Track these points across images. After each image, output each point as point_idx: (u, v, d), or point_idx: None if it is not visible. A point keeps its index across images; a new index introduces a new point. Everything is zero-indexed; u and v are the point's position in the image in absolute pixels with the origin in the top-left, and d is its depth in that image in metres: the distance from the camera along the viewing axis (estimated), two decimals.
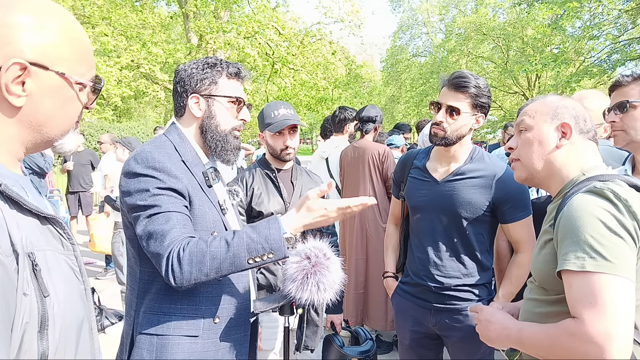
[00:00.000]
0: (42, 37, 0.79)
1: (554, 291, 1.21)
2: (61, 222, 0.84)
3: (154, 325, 1.42)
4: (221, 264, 1.29)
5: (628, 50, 15.57)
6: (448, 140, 1.94)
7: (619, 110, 1.74)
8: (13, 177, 0.80)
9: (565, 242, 1.12)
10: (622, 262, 1.05)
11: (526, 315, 1.33)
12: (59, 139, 0.88)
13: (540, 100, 1.38)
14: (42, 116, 0.82)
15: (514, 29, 19.88)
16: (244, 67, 1.63)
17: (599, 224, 1.07)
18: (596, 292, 1.04)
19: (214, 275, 1.30)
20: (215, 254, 1.28)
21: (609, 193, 1.10)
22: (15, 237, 0.70)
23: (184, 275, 1.28)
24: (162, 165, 1.40)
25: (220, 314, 1.49)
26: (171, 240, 1.30)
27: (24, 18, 0.78)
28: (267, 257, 1.31)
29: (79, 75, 0.86)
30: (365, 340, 2.31)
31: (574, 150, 1.29)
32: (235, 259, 1.29)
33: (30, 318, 0.70)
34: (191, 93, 1.54)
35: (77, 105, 0.89)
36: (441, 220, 1.99)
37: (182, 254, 1.28)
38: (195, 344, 1.44)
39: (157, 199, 1.35)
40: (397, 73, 27.99)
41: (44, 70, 0.80)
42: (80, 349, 0.82)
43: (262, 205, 2.26)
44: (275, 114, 2.26)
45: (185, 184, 1.43)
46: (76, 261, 0.87)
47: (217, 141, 1.56)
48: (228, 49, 14.06)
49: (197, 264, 1.28)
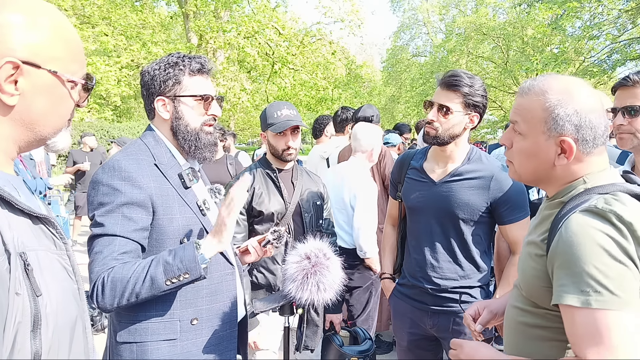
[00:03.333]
0: (33, 36, 0.79)
1: (541, 306, 1.14)
2: (54, 222, 0.84)
3: (132, 333, 1.45)
4: (141, 288, 1.34)
5: (628, 50, 15.60)
6: (440, 139, 1.93)
7: (628, 114, 1.69)
8: (4, 177, 0.80)
9: (565, 270, 1.02)
10: (629, 295, 0.97)
11: (509, 324, 1.26)
12: (51, 137, 0.89)
13: (540, 97, 1.12)
14: (35, 115, 0.82)
15: (514, 29, 19.89)
16: (208, 59, 1.60)
17: (603, 253, 0.97)
18: (602, 330, 0.96)
19: (134, 299, 1.34)
20: (133, 278, 1.33)
21: (612, 216, 0.99)
22: (6, 237, 0.70)
23: (106, 301, 1.33)
24: (127, 174, 1.41)
25: (199, 315, 1.51)
26: (102, 266, 1.35)
27: (15, 17, 0.78)
28: (183, 278, 1.35)
29: (70, 73, 0.86)
30: (364, 340, 2.31)
31: (575, 166, 1.12)
32: (153, 281, 1.34)
33: (23, 317, 0.70)
34: (157, 96, 1.53)
35: (69, 103, 0.89)
36: (438, 222, 1.99)
37: (106, 281, 1.33)
38: (174, 346, 1.46)
39: (108, 218, 1.38)
40: (397, 73, 28.02)
41: (36, 68, 0.80)
42: (74, 348, 0.83)
43: (262, 205, 2.26)
44: (278, 114, 2.25)
45: (149, 193, 1.43)
46: (69, 261, 0.87)
47: (189, 141, 1.55)
48: (228, 48, 14.08)
49: (119, 289, 1.33)
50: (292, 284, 1.54)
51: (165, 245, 1.46)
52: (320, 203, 2.45)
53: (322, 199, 2.48)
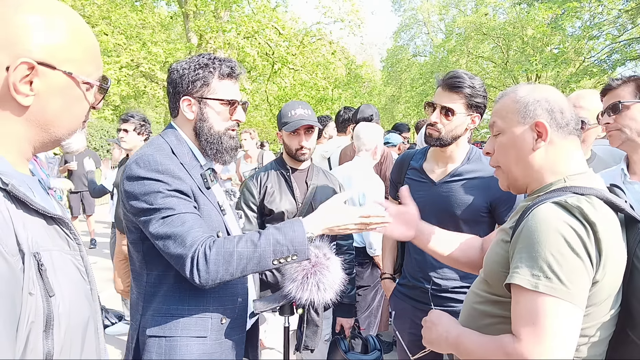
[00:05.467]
0: (49, 37, 0.80)
1: (496, 291, 1.17)
2: (67, 223, 0.85)
3: (162, 327, 1.42)
4: (247, 264, 1.31)
5: (628, 50, 15.59)
6: (443, 141, 1.93)
7: (613, 112, 1.76)
8: (20, 177, 0.80)
9: (523, 254, 1.05)
10: (577, 288, 0.99)
11: (465, 307, 1.30)
12: (66, 138, 0.88)
13: (510, 95, 1.24)
14: (49, 115, 0.83)
15: (514, 29, 19.88)
16: (238, 63, 1.59)
17: (562, 243, 1.00)
18: (540, 314, 0.99)
19: (239, 275, 1.32)
20: (242, 254, 1.31)
21: (577, 212, 1.02)
22: (21, 237, 0.71)
23: (210, 275, 1.29)
24: (165, 167, 1.39)
25: (226, 314, 1.50)
26: (193, 240, 1.31)
27: (32, 18, 0.78)
28: (290, 259, 1.35)
29: (86, 75, 0.86)
30: (373, 349, 2.31)
31: (553, 151, 1.18)
32: (261, 259, 1.32)
33: (36, 317, 0.70)
34: (183, 95, 1.52)
35: (84, 105, 0.89)
36: (438, 222, 1.98)
37: (208, 253, 1.29)
38: (204, 344, 1.44)
39: (167, 201, 1.34)
40: (397, 73, 27.97)
41: (51, 69, 0.80)
42: (86, 349, 0.83)
43: (273, 203, 2.27)
44: (292, 113, 2.26)
45: (189, 184, 1.43)
46: (82, 261, 0.88)
47: (212, 143, 1.54)
48: (228, 48, 14.05)
49: (224, 263, 1.30)
50: (292, 284, 1.54)
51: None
52: None
53: None
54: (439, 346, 1.28)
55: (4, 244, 0.66)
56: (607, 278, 1.03)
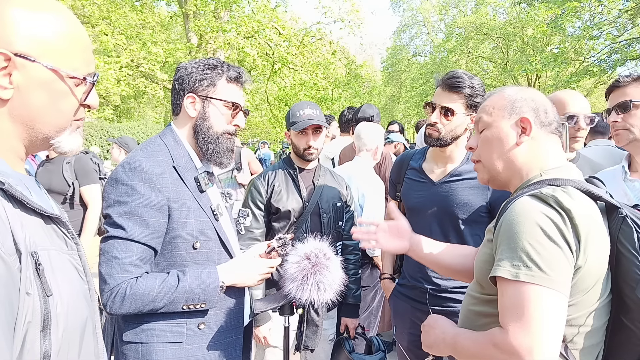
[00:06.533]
0: (32, 30, 0.78)
1: (488, 291, 1.19)
2: (65, 222, 0.84)
3: (138, 333, 1.46)
4: (157, 306, 1.40)
5: (628, 50, 15.59)
6: (443, 141, 1.93)
7: (621, 110, 1.74)
8: (17, 176, 0.79)
9: (503, 247, 1.07)
10: (557, 274, 1.01)
11: (462, 311, 1.33)
12: (54, 136, 0.86)
13: (498, 94, 1.30)
14: (33, 110, 0.81)
15: (514, 29, 19.89)
16: (245, 71, 1.63)
17: (539, 232, 1.02)
18: (525, 304, 1.00)
19: (146, 312, 1.40)
20: (156, 298, 1.38)
21: (552, 201, 1.05)
22: (18, 236, 0.70)
23: (121, 310, 1.37)
24: (147, 176, 1.41)
25: (207, 320, 1.52)
26: (122, 274, 1.36)
27: (18, 11, 0.78)
28: (199, 306, 1.45)
29: (72, 69, 0.84)
30: (377, 350, 2.31)
31: (535, 147, 1.22)
32: (172, 303, 1.41)
33: (33, 317, 0.70)
34: (188, 92, 1.55)
35: (72, 101, 0.87)
36: (438, 222, 1.99)
37: (128, 292, 1.36)
38: (180, 350, 1.48)
39: (127, 220, 1.38)
40: (397, 73, 27.99)
41: (30, 62, 0.78)
42: (84, 349, 0.82)
43: (280, 202, 2.29)
44: (300, 113, 2.28)
45: (167, 196, 1.44)
46: (80, 261, 0.87)
47: (209, 143, 1.56)
48: (228, 48, 14.06)
49: (138, 303, 1.37)
50: (292, 284, 1.54)
51: (178, 248, 1.47)
52: (340, 205, 2.44)
53: (343, 200, 2.46)
54: (437, 349, 1.29)
55: (0, 244, 0.66)
56: (589, 264, 1.05)
